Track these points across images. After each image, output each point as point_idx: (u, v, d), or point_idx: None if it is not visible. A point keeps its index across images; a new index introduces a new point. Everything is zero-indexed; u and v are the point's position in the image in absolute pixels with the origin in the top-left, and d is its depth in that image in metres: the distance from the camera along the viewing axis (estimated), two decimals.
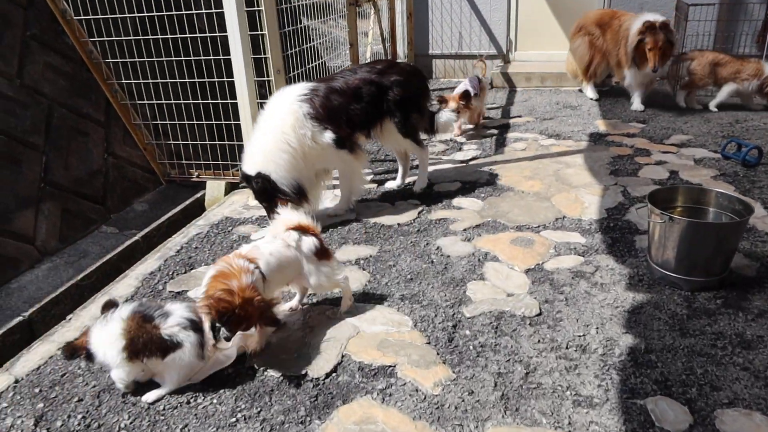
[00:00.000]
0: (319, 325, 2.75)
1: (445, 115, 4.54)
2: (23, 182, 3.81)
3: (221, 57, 4.36)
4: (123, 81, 4.75)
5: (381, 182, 4.50)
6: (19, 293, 3.35)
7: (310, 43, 5.68)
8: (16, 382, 2.58)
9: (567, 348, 2.51)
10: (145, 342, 2.30)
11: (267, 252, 2.56)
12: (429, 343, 2.58)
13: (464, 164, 4.79)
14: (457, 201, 4.04)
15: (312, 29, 6.97)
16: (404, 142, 4.03)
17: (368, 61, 6.93)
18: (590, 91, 6.45)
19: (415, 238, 3.55)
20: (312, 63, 5.52)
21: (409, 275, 3.14)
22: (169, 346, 2.31)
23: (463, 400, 2.25)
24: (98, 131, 4.56)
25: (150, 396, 2.36)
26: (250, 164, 3.51)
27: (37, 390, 2.51)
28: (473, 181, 4.35)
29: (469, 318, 2.73)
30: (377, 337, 2.63)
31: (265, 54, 4.28)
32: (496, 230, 3.57)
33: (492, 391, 2.29)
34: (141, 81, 4.69)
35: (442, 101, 5.02)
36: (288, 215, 2.76)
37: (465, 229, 3.61)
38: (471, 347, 2.54)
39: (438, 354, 2.51)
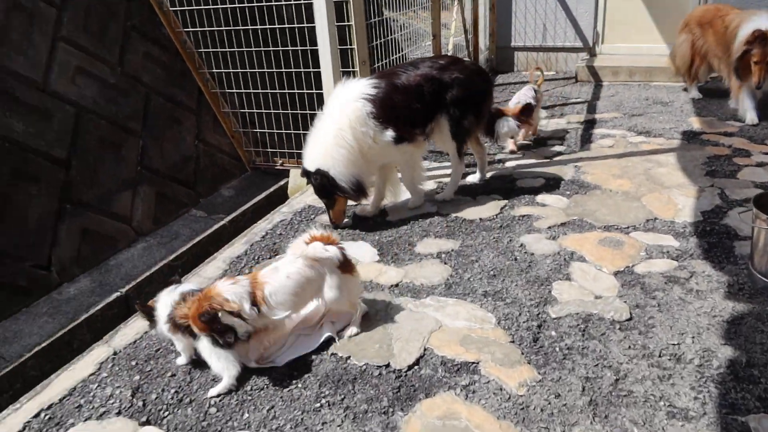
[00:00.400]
0: (401, 317, 2.75)
1: (507, 124, 4.27)
2: (123, 166, 4.03)
3: (308, 48, 4.43)
4: (214, 70, 4.93)
5: (462, 176, 4.45)
6: (117, 270, 3.55)
7: (391, 35, 5.69)
8: (115, 354, 2.75)
9: (660, 356, 2.39)
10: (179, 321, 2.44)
11: (284, 275, 2.48)
12: (513, 341, 2.53)
13: (548, 160, 4.66)
14: (541, 198, 3.94)
15: (393, 21, 6.98)
16: (450, 144, 3.88)
17: (449, 53, 6.88)
18: (694, 92, 6.07)
19: (498, 233, 3.49)
20: (393, 55, 5.52)
21: (491, 271, 3.10)
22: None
23: (549, 403, 2.19)
24: (190, 119, 4.75)
25: (212, 392, 2.39)
26: (310, 160, 3.50)
27: (133, 363, 2.66)
28: (557, 178, 4.22)
29: (555, 319, 2.66)
30: (460, 332, 2.61)
31: (350, 45, 4.32)
32: (582, 229, 3.46)
33: (579, 396, 2.22)
34: (230, 70, 4.85)
35: (499, 114, 4.33)
36: (302, 237, 2.64)
37: (550, 227, 3.51)
38: (557, 349, 2.47)
39: (522, 353, 2.46)
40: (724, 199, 3.70)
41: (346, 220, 3.78)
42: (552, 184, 4.14)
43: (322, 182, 3.47)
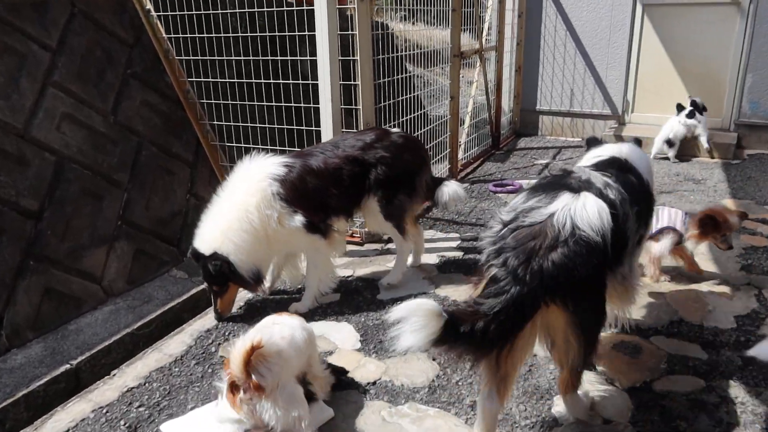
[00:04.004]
0: (372, 428, 2.34)
1: (451, 187, 3.66)
2: (101, 220, 3.77)
3: (311, 105, 4.19)
4: (215, 122, 4.72)
5: (468, 250, 4.08)
6: (74, 336, 3.24)
7: (413, 92, 5.45)
8: None
9: None
10: None
11: None
12: None
13: None
14: None
15: (417, 77, 6.78)
16: (385, 225, 3.51)
17: (468, 114, 6.61)
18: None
19: None
20: (413, 113, 5.25)
21: None
22: None
23: None
24: (185, 171, 4.52)
25: None
26: (207, 241, 3.06)
27: None
28: None
29: None
30: None
31: (356, 105, 4.07)
32: None
33: None
34: (231, 123, 4.63)
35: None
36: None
37: None
38: None
39: None
40: (762, 302, 3.23)
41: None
42: None
43: (220, 269, 3.03)
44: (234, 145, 4.69)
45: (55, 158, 3.64)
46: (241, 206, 3.01)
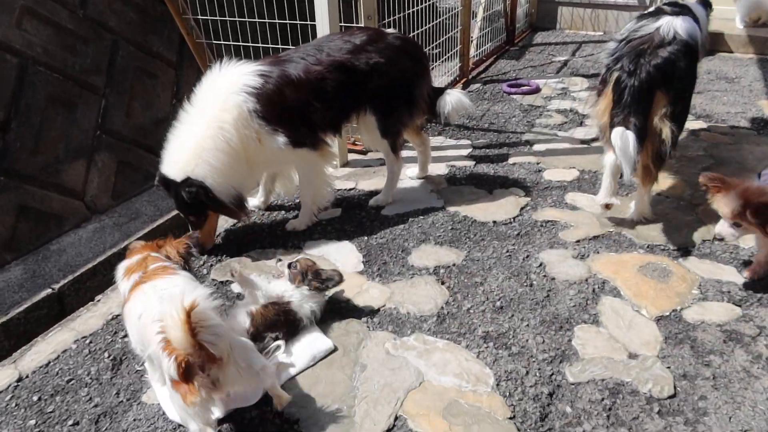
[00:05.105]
0: (374, 363, 2.15)
1: (454, 96, 3.21)
2: (77, 129, 3.43)
3: None
4: (200, 17, 4.23)
5: (480, 159, 3.76)
6: (57, 257, 3.01)
7: None
8: (19, 380, 2.23)
9: None
10: None
11: None
12: (513, 417, 1.91)
13: (586, 145, 3.91)
14: (572, 197, 3.24)
15: None
16: (381, 143, 3.15)
17: (481, 4, 5.99)
18: None
19: (513, 245, 2.83)
20: (418, 5, 4.71)
21: (499, 300, 2.45)
22: None
23: None
24: (168, 73, 4.10)
25: None
26: (177, 165, 2.65)
27: (35, 398, 2.13)
28: (595, 171, 3.49)
29: (573, 384, 2.03)
30: (446, 394, 2.00)
31: None
32: (620, 248, 2.76)
33: None
34: (219, 18, 4.14)
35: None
36: None
37: (578, 241, 2.83)
38: None
39: None
40: None
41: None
42: (587, 179, 3.43)
43: (196, 196, 2.65)
44: (222, 42, 4.22)
45: (18, 60, 3.24)
46: (213, 122, 2.61)
